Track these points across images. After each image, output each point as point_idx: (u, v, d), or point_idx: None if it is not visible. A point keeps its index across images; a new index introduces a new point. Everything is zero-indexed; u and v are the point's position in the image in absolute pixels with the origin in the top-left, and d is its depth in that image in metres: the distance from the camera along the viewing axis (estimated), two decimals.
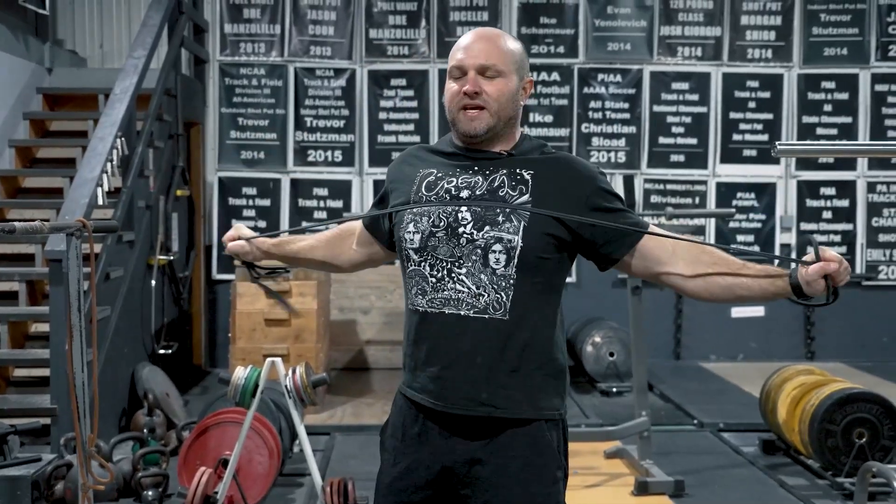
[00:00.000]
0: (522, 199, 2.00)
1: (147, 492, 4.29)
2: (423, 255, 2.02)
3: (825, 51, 8.13)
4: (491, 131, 2.05)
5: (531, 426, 2.03)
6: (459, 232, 1.98)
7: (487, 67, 2.02)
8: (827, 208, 8.19)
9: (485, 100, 2.02)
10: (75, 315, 2.96)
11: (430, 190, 2.06)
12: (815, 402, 4.78)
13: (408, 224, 2.04)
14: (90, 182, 5.07)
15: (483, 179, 2.03)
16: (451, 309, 1.99)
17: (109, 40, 8.03)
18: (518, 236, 1.97)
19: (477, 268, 1.97)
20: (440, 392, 2.02)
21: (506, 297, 1.97)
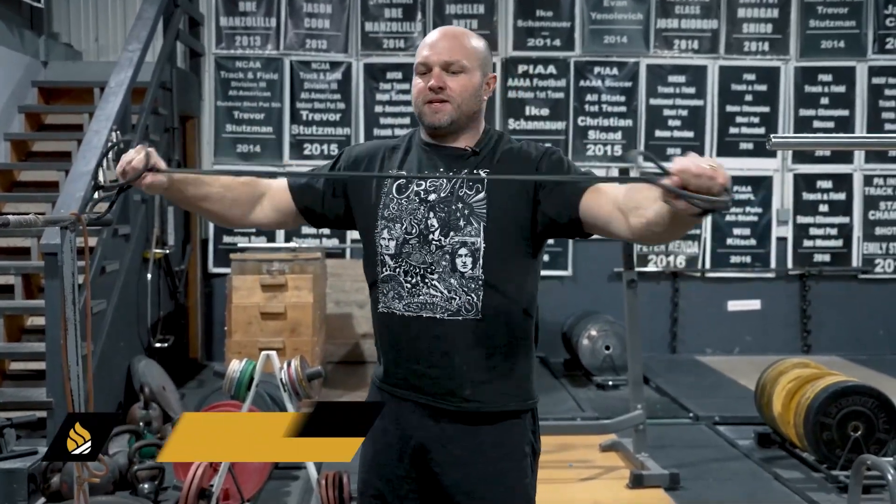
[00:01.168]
0: (478, 197, 2.06)
1: (143, 485, 4.29)
2: (398, 262, 2.08)
3: (822, 43, 8.13)
4: (454, 124, 2.10)
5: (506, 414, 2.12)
6: (430, 239, 2.05)
7: (451, 63, 2.08)
8: (823, 201, 8.19)
9: (448, 95, 2.08)
10: (70, 308, 2.96)
11: (400, 193, 2.11)
12: (811, 395, 4.79)
13: (382, 230, 2.10)
14: (85, 175, 5.05)
15: (446, 181, 2.09)
16: (428, 313, 2.06)
17: (105, 34, 8.01)
18: (480, 238, 2.04)
19: (447, 272, 2.05)
20: (422, 387, 2.10)
21: (476, 297, 2.05)
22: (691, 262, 8.17)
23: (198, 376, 7.25)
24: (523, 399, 2.13)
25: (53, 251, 4.45)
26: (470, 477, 2.08)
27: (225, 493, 4.08)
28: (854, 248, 8.21)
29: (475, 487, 2.08)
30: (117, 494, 4.27)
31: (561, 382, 7.08)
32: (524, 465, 2.12)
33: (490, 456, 2.08)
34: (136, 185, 2.04)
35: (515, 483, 2.11)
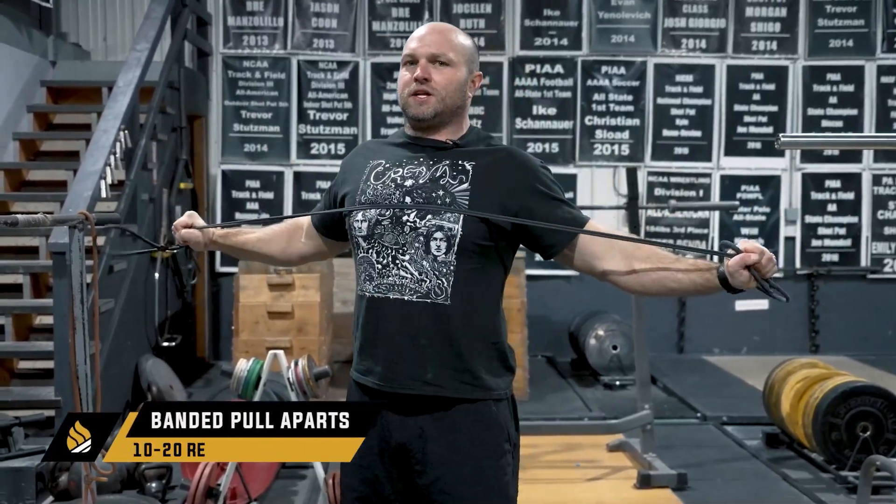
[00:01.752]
0: (462, 187, 2.09)
1: (150, 484, 4.30)
2: (370, 243, 2.12)
3: (830, 42, 8.10)
4: (438, 117, 2.14)
5: (477, 404, 2.11)
6: (403, 220, 2.08)
7: (437, 56, 2.13)
8: (832, 201, 8.17)
9: (433, 87, 2.12)
10: (78, 307, 2.97)
11: (377, 179, 2.16)
12: (819, 395, 4.77)
13: (357, 213, 2.15)
14: (93, 175, 5.07)
15: (427, 169, 2.12)
16: (396, 294, 2.08)
17: (113, 33, 8.03)
18: (458, 224, 2.06)
19: (419, 255, 2.07)
20: (386, 373, 2.11)
21: (447, 282, 2.07)
22: None
23: (205, 375, 7.26)
24: (487, 389, 2.12)
25: (62, 250, 4.46)
26: (449, 475, 2.08)
27: (232, 491, 4.08)
28: (863, 248, 8.18)
29: (454, 486, 2.09)
30: (125, 493, 4.28)
31: (568, 382, 7.07)
32: (502, 464, 2.12)
33: (468, 454, 2.09)
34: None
35: (494, 482, 2.11)
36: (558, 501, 4.46)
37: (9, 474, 4.30)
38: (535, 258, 7.93)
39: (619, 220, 7.84)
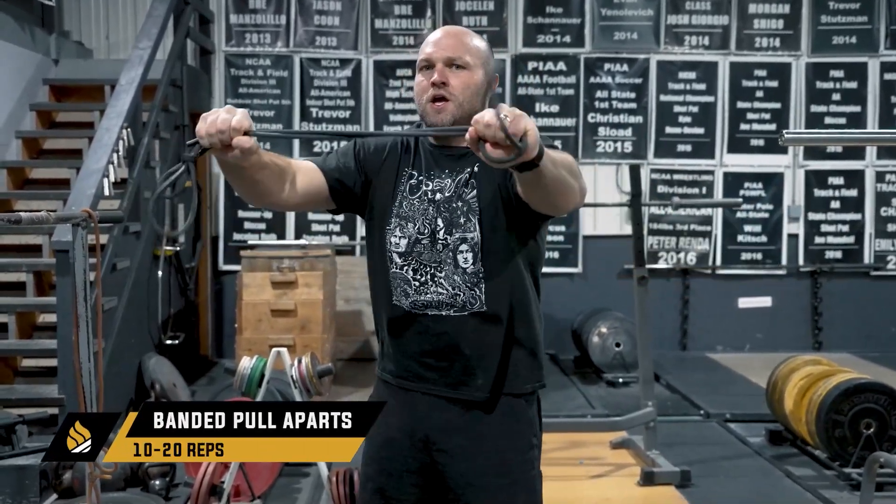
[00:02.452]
0: (472, 194, 2.08)
1: (154, 481, 4.30)
2: (407, 260, 2.09)
3: (833, 39, 8.09)
4: (456, 123, 2.06)
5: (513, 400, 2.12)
6: (437, 238, 2.07)
7: (454, 59, 2.08)
8: (835, 198, 8.16)
9: (450, 91, 2.07)
10: (82, 305, 2.97)
11: (413, 194, 2.12)
12: (823, 392, 4.77)
13: (395, 228, 2.11)
14: (96, 173, 5.07)
15: (451, 181, 2.10)
16: (433, 311, 2.09)
17: (115, 31, 8.03)
18: (476, 232, 2.05)
19: (451, 270, 2.07)
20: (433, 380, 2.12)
21: (479, 291, 2.07)
22: (702, 258, 8.14)
23: (208, 373, 7.27)
24: (528, 382, 2.14)
25: (65, 248, 4.47)
26: (475, 468, 2.09)
27: (236, 489, 4.09)
28: (866, 245, 8.17)
29: (479, 478, 2.09)
30: (129, 491, 4.29)
31: (571, 380, 7.07)
32: (529, 458, 2.13)
33: (495, 447, 2.09)
34: (221, 149, 1.84)
35: (520, 475, 2.11)
36: (562, 499, 4.46)
37: (12, 472, 4.31)
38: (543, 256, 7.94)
39: (623, 218, 7.85)
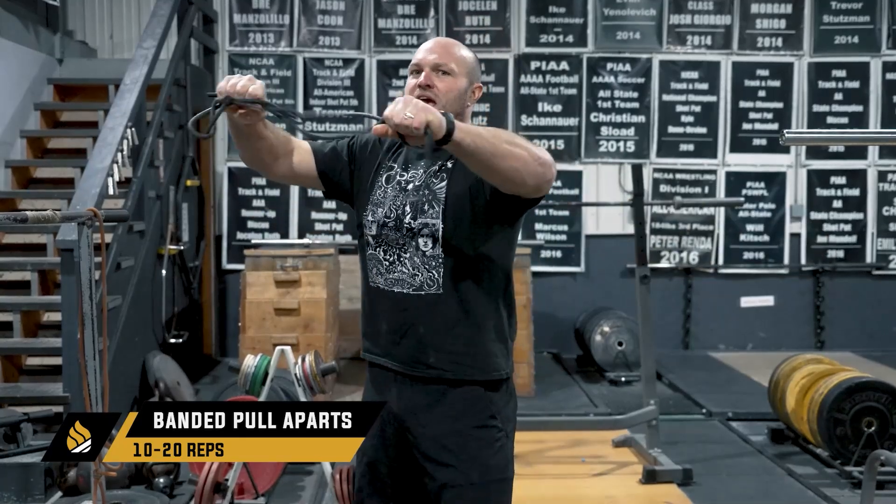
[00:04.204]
0: (441, 184, 2.27)
1: (158, 479, 4.32)
2: (378, 241, 2.30)
3: (836, 39, 8.10)
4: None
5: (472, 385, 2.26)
6: (404, 222, 2.26)
7: (440, 65, 2.30)
8: (837, 197, 8.17)
9: (435, 93, 2.28)
10: (87, 304, 2.99)
11: (388, 182, 2.33)
12: (824, 390, 4.78)
13: (368, 213, 2.32)
14: (101, 172, 5.09)
15: (423, 172, 2.30)
16: (398, 288, 2.26)
17: (119, 31, 8.06)
18: (439, 220, 2.23)
19: (412, 251, 2.25)
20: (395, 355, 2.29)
21: (437, 274, 2.24)
22: (704, 258, 8.15)
23: (212, 372, 7.29)
24: (486, 370, 2.27)
25: (70, 247, 4.49)
26: (436, 445, 2.25)
27: (240, 487, 4.11)
28: (868, 244, 8.17)
29: (440, 455, 2.24)
30: (133, 489, 4.30)
31: (574, 378, 7.09)
32: (488, 436, 2.25)
33: (454, 426, 2.24)
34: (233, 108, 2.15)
35: (478, 452, 2.24)
36: (564, 496, 4.48)
37: (18, 470, 4.34)
38: (539, 255, 7.96)
39: (625, 217, 7.86)
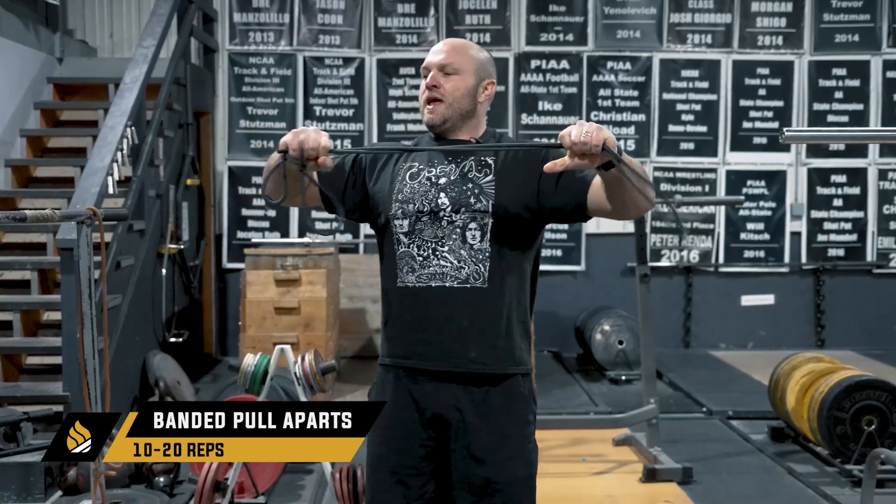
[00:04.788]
0: (487, 179, 2.28)
1: (158, 478, 4.32)
2: (411, 238, 2.29)
3: (836, 37, 8.09)
4: (448, 122, 2.34)
5: (509, 379, 2.30)
6: (441, 216, 2.27)
7: (446, 65, 2.33)
8: (838, 196, 8.16)
9: (441, 93, 2.32)
10: (86, 303, 2.99)
11: (413, 179, 2.33)
12: (824, 389, 4.78)
13: (397, 211, 2.31)
14: (100, 171, 5.09)
15: (455, 167, 2.31)
16: (437, 282, 2.26)
17: (119, 30, 8.05)
18: (489, 213, 2.25)
19: (457, 245, 2.26)
20: (431, 353, 2.27)
21: (483, 267, 2.26)
22: (705, 256, 8.15)
23: (212, 371, 7.29)
24: (520, 364, 2.32)
25: (69, 246, 4.49)
26: (477, 442, 2.25)
27: (240, 486, 4.11)
28: (868, 243, 8.17)
29: (482, 452, 2.25)
30: (133, 488, 4.31)
31: (574, 377, 7.09)
32: (527, 433, 2.32)
33: (497, 423, 2.27)
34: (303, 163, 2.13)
35: (519, 449, 2.28)
36: (564, 495, 4.47)
37: (18, 469, 4.34)
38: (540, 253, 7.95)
39: None
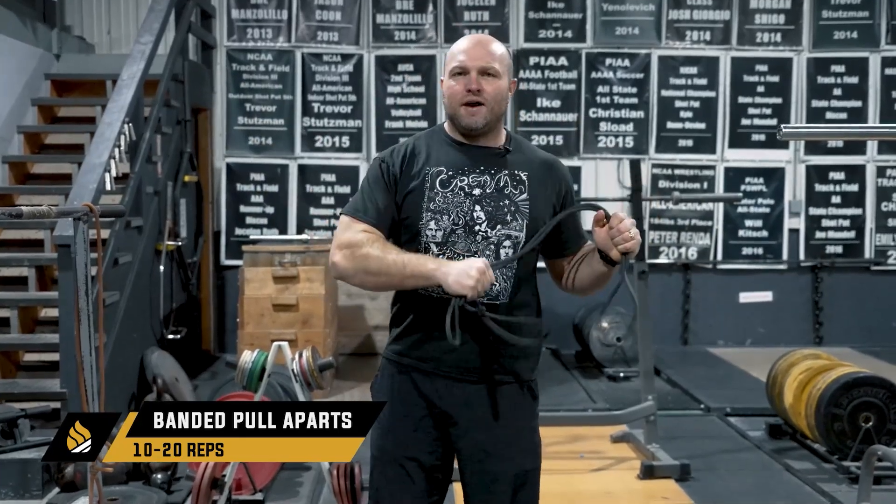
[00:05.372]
0: (522, 197, 2.33)
1: (156, 475, 4.32)
2: (442, 249, 2.29)
3: (835, 34, 8.09)
4: (487, 125, 2.32)
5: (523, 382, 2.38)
6: (476, 230, 2.28)
7: (487, 69, 2.30)
8: (836, 193, 8.16)
9: (484, 97, 2.29)
10: (83, 299, 2.98)
11: (444, 187, 2.31)
12: (822, 386, 4.78)
13: (429, 221, 2.29)
14: (98, 168, 5.08)
15: (490, 178, 2.32)
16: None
17: (117, 26, 8.04)
18: (522, 233, 2.30)
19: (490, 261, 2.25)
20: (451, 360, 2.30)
21: (510, 284, 2.31)
22: (703, 253, 8.15)
23: (210, 367, 7.29)
24: (532, 370, 2.41)
25: (66, 243, 4.48)
26: (491, 438, 2.31)
27: (237, 483, 4.11)
28: (867, 240, 8.17)
29: (495, 447, 2.32)
30: (130, 484, 4.30)
31: (572, 374, 7.08)
32: (535, 426, 2.41)
33: (509, 419, 2.33)
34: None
35: (529, 443, 2.38)
36: (562, 492, 4.47)
37: (15, 466, 4.34)
38: None
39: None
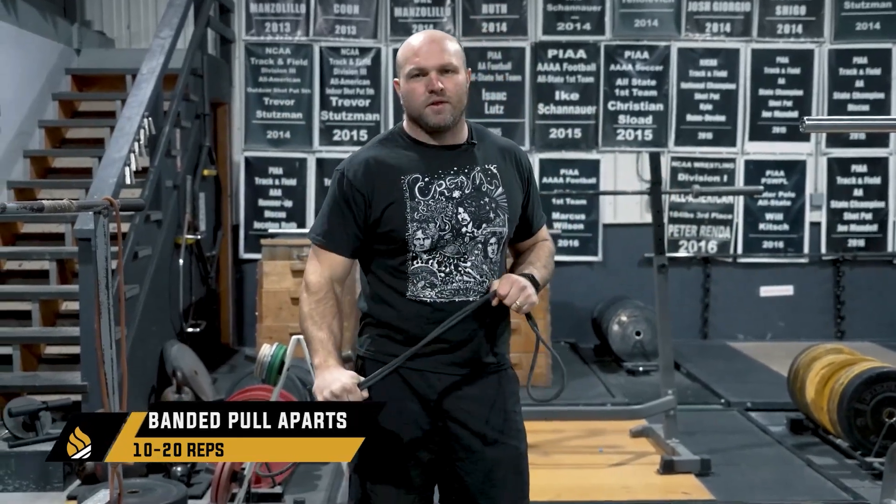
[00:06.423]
0: (499, 192, 2.34)
1: (176, 468, 4.34)
2: (432, 255, 2.29)
3: (857, 25, 8.01)
4: (454, 121, 2.31)
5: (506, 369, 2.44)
6: (463, 232, 2.29)
7: (445, 66, 2.28)
8: (858, 186, 8.09)
9: (447, 95, 2.28)
10: (104, 293, 2.99)
11: (424, 194, 2.28)
12: (845, 381, 4.74)
13: (416, 231, 2.26)
14: (118, 162, 5.10)
15: (466, 178, 2.32)
16: (461, 297, 2.30)
17: (136, 21, 8.07)
18: (505, 228, 2.34)
19: (479, 260, 2.31)
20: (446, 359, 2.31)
21: (496, 277, 2.34)
22: (723, 247, 8.10)
23: (229, 361, 7.31)
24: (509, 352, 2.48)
25: (87, 236, 4.50)
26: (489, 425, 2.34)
27: (256, 476, 4.12)
28: (889, 233, 8.10)
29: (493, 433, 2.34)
30: (150, 477, 4.32)
31: (591, 368, 7.06)
32: (520, 408, 2.46)
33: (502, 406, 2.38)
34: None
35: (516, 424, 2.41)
36: (581, 486, 4.46)
37: (37, 458, 4.37)
38: (557, 244, 7.93)
39: (643, 206, 7.82)
